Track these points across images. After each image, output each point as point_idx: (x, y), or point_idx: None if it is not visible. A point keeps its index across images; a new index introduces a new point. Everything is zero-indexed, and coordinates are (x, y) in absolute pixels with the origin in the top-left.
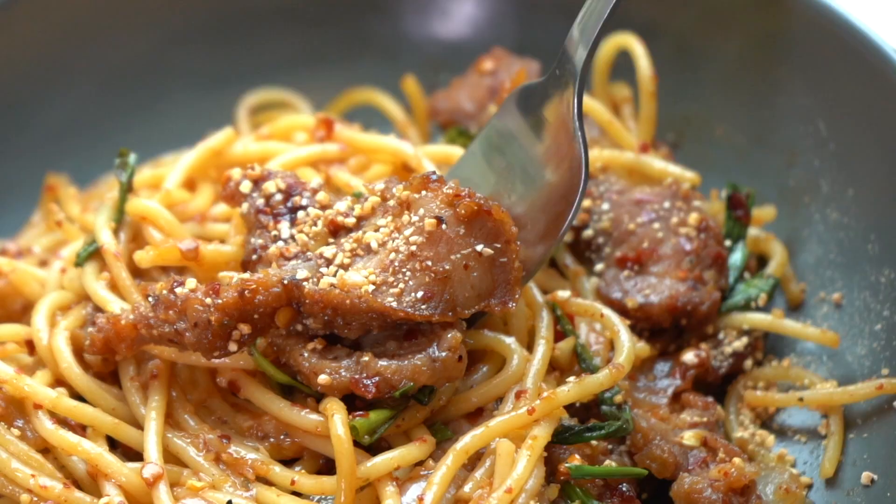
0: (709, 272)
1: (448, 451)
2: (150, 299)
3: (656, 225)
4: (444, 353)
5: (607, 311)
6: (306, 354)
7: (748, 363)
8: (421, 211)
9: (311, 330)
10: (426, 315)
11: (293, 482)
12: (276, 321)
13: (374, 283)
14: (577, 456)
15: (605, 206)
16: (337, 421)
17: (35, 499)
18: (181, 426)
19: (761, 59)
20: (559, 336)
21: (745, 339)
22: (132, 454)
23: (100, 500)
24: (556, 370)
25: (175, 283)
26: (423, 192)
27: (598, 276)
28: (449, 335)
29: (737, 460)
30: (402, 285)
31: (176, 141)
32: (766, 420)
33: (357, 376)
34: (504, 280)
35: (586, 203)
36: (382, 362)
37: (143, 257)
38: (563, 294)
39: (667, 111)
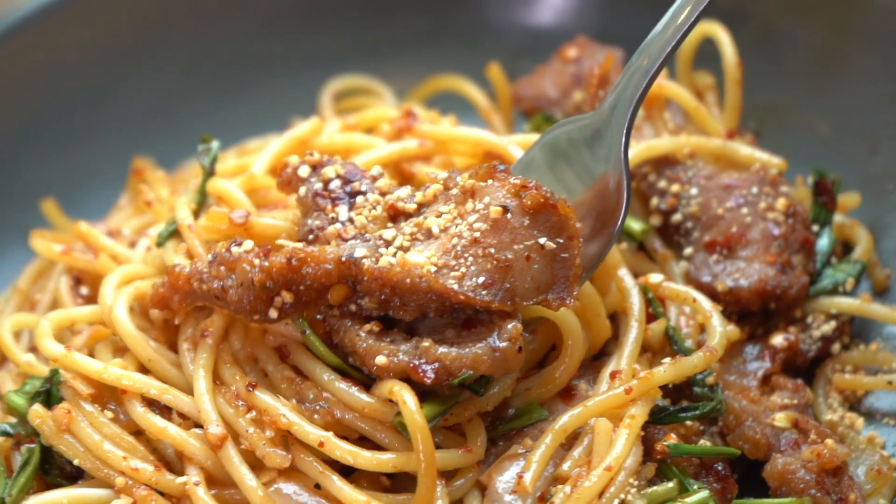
0: (797, 257)
1: (546, 430)
2: (209, 256)
3: (744, 210)
4: (504, 344)
5: (699, 296)
6: (363, 335)
7: (836, 347)
8: (486, 199)
9: (366, 310)
10: (486, 301)
11: (321, 444)
12: (330, 298)
13: (435, 265)
14: (673, 435)
15: (694, 191)
16: (410, 402)
17: (129, 482)
18: (220, 376)
19: (844, 47)
20: (650, 318)
21: (832, 324)
22: None
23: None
24: (648, 352)
25: (233, 243)
26: (490, 181)
27: (687, 259)
28: (509, 326)
29: (829, 441)
30: (463, 269)
31: (260, 126)
32: (854, 403)
33: (416, 361)
34: (564, 276)
35: (675, 188)
36: (442, 349)
37: (200, 226)
38: (656, 278)
39: (748, 99)
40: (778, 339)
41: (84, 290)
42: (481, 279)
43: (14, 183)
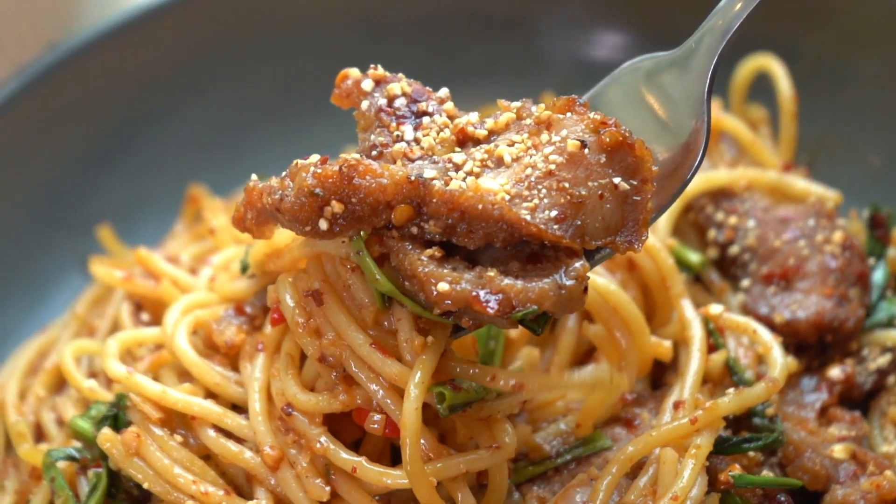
0: (853, 289)
1: (612, 459)
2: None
3: (801, 242)
4: (571, 282)
5: (759, 327)
6: (425, 259)
7: (891, 379)
8: (564, 132)
9: (428, 234)
10: (557, 235)
11: (354, 469)
12: (394, 218)
13: (508, 194)
14: (737, 465)
15: (751, 224)
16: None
17: None
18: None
19: None
20: (710, 349)
21: (888, 356)
22: None
23: None
24: (708, 382)
25: (304, 157)
26: (568, 114)
27: (745, 291)
28: (578, 264)
29: (888, 473)
30: (536, 201)
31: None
32: None
33: (479, 290)
34: (634, 219)
35: (732, 220)
36: (508, 280)
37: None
38: (717, 309)
39: (801, 131)
40: (835, 372)
41: (145, 317)
42: (554, 213)
43: (69, 209)
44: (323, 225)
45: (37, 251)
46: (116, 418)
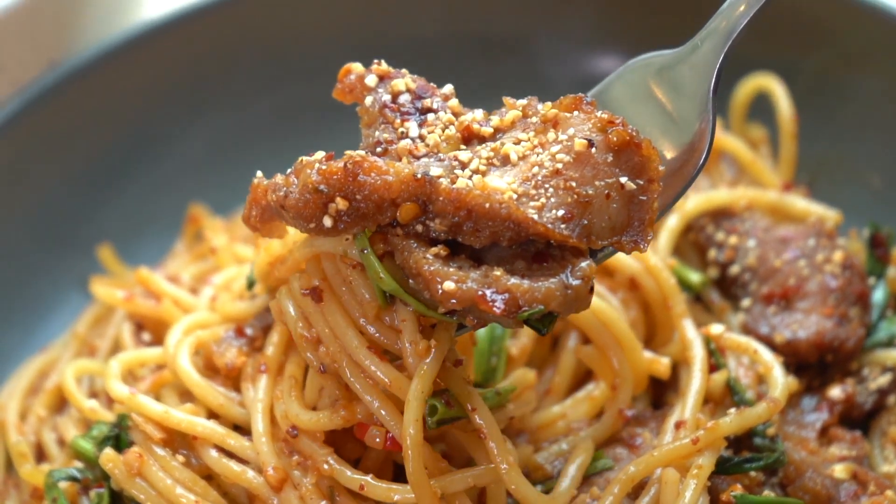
0: (853, 309)
1: (613, 480)
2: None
3: (802, 262)
4: (577, 282)
5: (760, 347)
6: (430, 258)
7: (891, 399)
8: (571, 130)
9: (433, 232)
10: (564, 235)
11: (361, 487)
12: (399, 216)
13: (515, 192)
14: (738, 486)
15: (751, 243)
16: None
17: None
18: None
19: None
20: (711, 369)
21: (889, 376)
22: None
23: None
24: (709, 402)
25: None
26: (575, 113)
27: (745, 311)
28: (584, 264)
29: (889, 493)
30: (543, 200)
31: None
32: None
33: (486, 290)
34: (639, 219)
35: (733, 240)
36: (514, 279)
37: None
38: (718, 329)
39: (801, 151)
40: (835, 391)
41: (146, 336)
42: (561, 212)
43: (70, 229)
44: (327, 222)
45: (37, 271)
46: (118, 438)
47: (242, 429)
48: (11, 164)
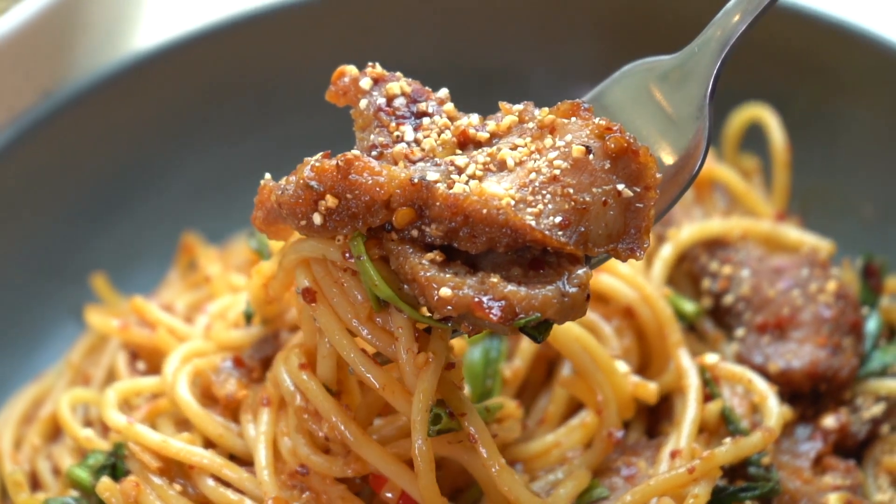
0: (847, 339)
1: None
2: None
3: (795, 292)
4: (574, 289)
5: (755, 376)
6: (426, 263)
7: (885, 429)
8: (568, 137)
9: (429, 237)
10: (561, 242)
11: None
12: (395, 220)
13: (512, 198)
14: None
15: (745, 273)
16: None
17: None
18: (277, 450)
19: (888, 130)
20: (706, 398)
21: (882, 405)
22: None
23: None
24: (705, 431)
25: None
26: (573, 119)
27: (739, 341)
28: (580, 271)
29: None
30: (540, 206)
31: None
32: None
33: (482, 296)
34: (636, 226)
35: (727, 269)
36: (511, 286)
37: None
38: (712, 358)
39: (793, 181)
40: (829, 421)
41: (141, 365)
42: (558, 219)
43: (63, 258)
44: (317, 219)
45: (31, 300)
46: (115, 467)
47: (239, 459)
48: (5, 192)
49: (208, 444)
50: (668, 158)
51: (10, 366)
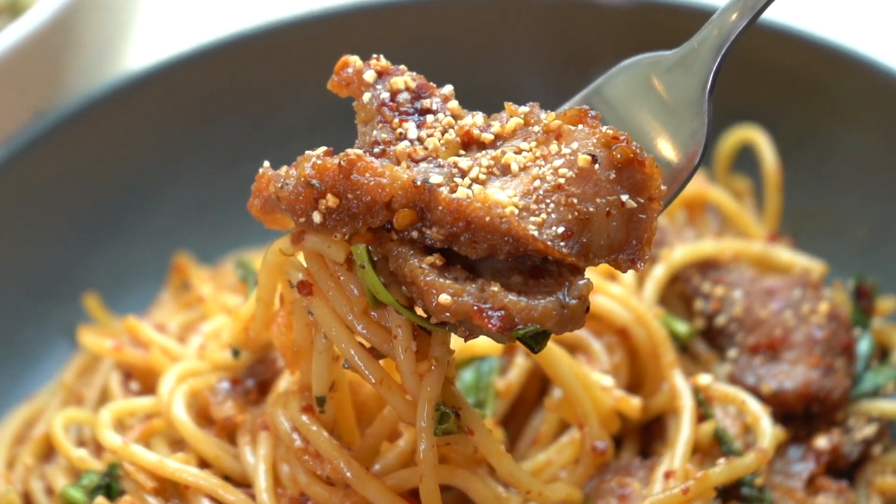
0: (839, 360)
1: None
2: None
3: (787, 313)
4: (574, 301)
5: (748, 397)
6: (426, 267)
7: (877, 449)
8: (574, 144)
9: (429, 240)
10: (563, 253)
11: None
12: (395, 222)
13: (516, 206)
14: None
15: (737, 294)
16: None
17: None
18: (277, 475)
19: (880, 151)
20: (699, 419)
21: (874, 426)
22: None
23: None
24: (698, 452)
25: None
26: (580, 126)
27: (731, 362)
28: (581, 282)
29: None
30: (543, 216)
31: None
32: None
33: (482, 305)
34: (638, 237)
35: (719, 290)
36: (511, 296)
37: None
38: (706, 379)
39: (785, 202)
40: (822, 441)
41: (134, 386)
42: (561, 229)
43: (56, 278)
44: (316, 218)
45: (23, 320)
46: (109, 488)
47: (234, 480)
48: None
49: (203, 464)
50: (669, 151)
51: (2, 386)
